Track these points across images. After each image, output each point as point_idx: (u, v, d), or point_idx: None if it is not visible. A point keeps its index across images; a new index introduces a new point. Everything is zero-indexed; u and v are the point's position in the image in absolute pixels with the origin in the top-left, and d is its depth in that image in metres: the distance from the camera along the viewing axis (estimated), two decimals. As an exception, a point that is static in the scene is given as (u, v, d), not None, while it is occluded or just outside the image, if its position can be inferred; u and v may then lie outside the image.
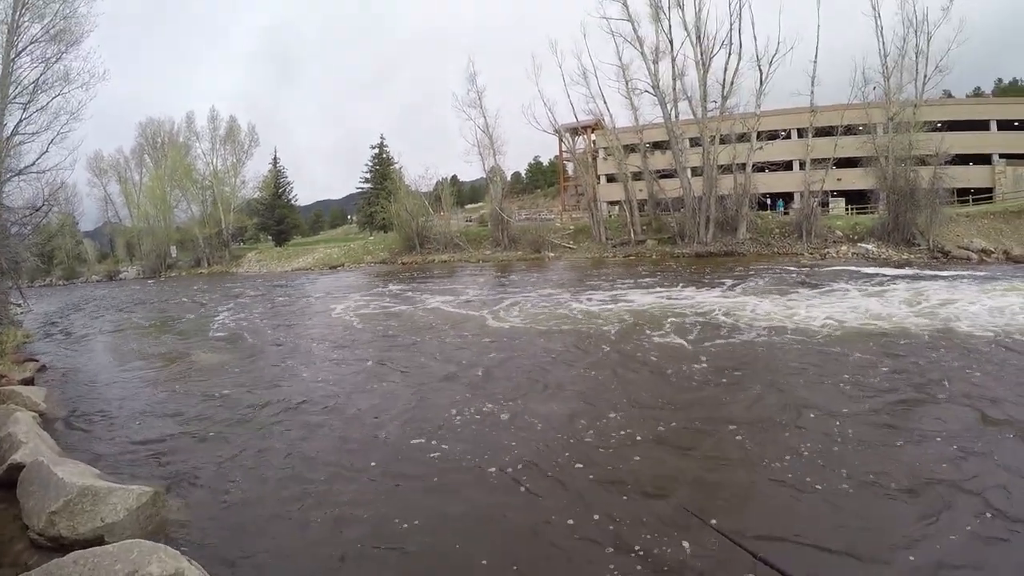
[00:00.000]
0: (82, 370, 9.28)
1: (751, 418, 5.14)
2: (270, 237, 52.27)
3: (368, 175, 50.84)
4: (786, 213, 29.03)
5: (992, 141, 31.56)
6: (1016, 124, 32.09)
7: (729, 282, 14.55)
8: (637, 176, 29.32)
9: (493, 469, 4.37)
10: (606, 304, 11.97)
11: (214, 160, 48.42)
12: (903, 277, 14.72)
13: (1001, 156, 31.15)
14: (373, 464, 4.58)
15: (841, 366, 6.64)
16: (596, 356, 7.79)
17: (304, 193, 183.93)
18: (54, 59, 13.93)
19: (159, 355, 9.96)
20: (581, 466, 4.31)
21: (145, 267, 47.74)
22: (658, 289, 14.05)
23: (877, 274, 15.70)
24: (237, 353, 9.48)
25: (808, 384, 6.08)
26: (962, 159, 28.31)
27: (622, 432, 4.93)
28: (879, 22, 23.88)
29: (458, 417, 5.54)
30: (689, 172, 26.71)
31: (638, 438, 4.79)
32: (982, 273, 15.35)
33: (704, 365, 6.98)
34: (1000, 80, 61.13)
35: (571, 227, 32.52)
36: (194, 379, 7.81)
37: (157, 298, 23.46)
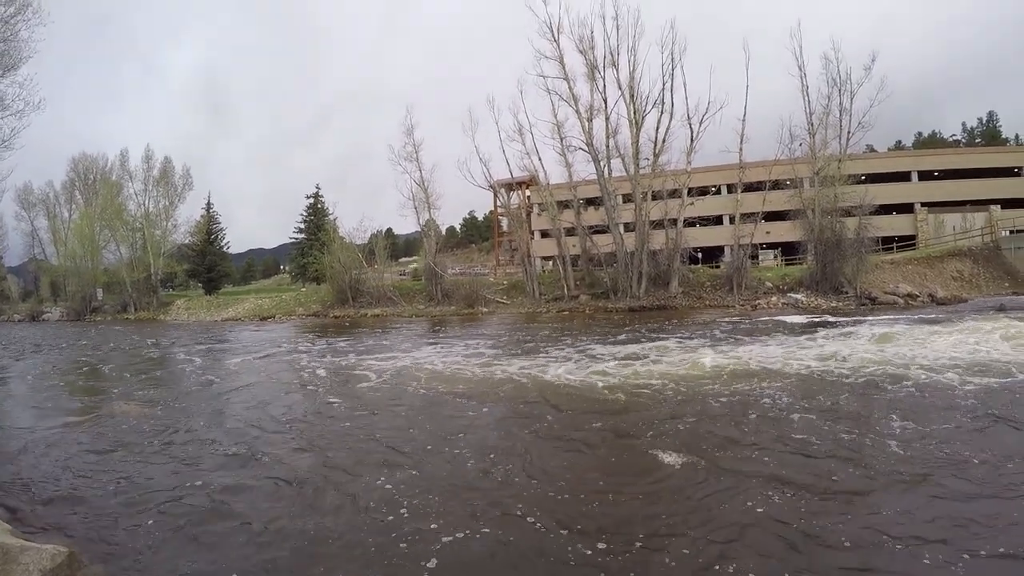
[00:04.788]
0: (-7, 417, 8.70)
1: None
2: (200, 285, 49.79)
3: (302, 225, 49.25)
4: (716, 266, 29.00)
5: (914, 191, 32.74)
6: (936, 174, 33.43)
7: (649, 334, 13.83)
8: (571, 232, 28.94)
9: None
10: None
11: (146, 201, 45.78)
12: (825, 324, 14.98)
13: (923, 204, 32.28)
14: (307, 526, 4.09)
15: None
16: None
17: (237, 241, 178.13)
18: (-11, 83, 13.10)
19: (79, 404, 9.36)
20: None
21: (70, 309, 44.75)
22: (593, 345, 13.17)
23: (808, 322, 15.86)
24: (159, 406, 8.83)
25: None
26: (886, 209, 29.08)
27: None
28: (805, 82, 24.52)
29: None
30: (622, 228, 26.38)
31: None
32: (903, 316, 15.81)
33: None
34: (920, 133, 65.28)
35: (505, 282, 31.66)
36: (116, 431, 7.25)
37: (81, 343, 21.94)
